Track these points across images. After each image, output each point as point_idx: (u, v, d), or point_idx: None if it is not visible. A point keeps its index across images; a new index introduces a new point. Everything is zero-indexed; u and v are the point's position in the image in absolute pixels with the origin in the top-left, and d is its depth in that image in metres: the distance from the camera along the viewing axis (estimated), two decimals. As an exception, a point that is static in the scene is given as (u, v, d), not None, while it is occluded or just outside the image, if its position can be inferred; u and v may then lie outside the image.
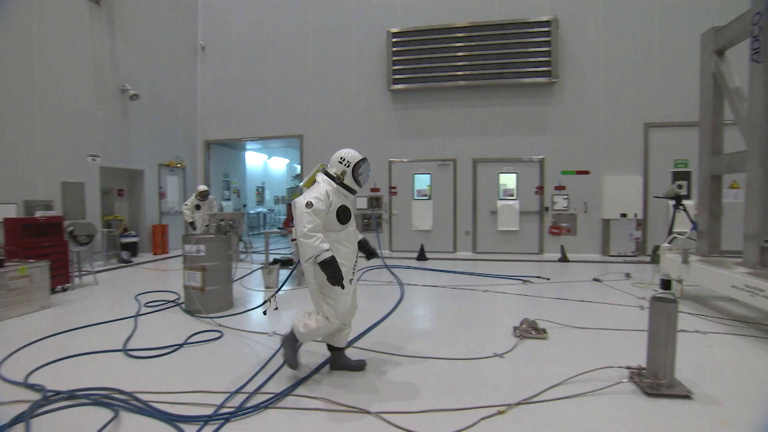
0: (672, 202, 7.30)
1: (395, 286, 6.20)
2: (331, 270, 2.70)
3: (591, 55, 9.00)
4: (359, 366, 3.18)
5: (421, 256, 8.79)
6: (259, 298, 5.73)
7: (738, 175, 7.16)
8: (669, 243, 5.90)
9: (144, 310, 4.89)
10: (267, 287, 6.09)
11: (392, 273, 7.12)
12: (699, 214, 5.65)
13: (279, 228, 7.96)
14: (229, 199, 12.55)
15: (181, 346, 3.71)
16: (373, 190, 9.91)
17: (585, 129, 9.08)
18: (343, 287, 2.78)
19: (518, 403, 2.64)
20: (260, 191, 16.83)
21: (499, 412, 2.53)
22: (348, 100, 10.08)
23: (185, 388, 2.84)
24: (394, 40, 9.46)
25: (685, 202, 6.99)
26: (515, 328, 3.98)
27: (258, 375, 3.07)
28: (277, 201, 18.18)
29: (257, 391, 2.83)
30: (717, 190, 5.49)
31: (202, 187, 8.62)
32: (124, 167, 8.94)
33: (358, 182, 3.06)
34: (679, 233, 6.12)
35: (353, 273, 3.01)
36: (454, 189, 9.57)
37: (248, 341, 3.93)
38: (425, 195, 9.75)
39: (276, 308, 4.00)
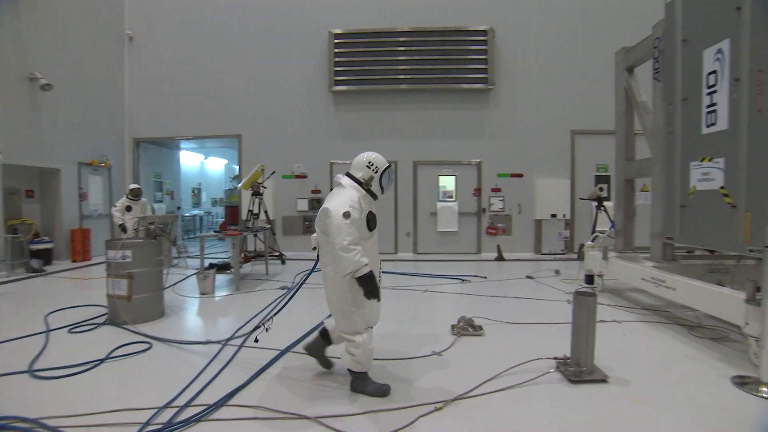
0: (594, 204, 7.97)
1: (338, 288, 6.17)
2: (370, 285, 2.59)
3: (524, 65, 9.55)
4: (329, 364, 3.19)
5: (364, 258, 8.80)
6: (194, 304, 5.43)
7: (648, 180, 7.96)
8: (592, 241, 6.39)
9: (57, 323, 4.42)
10: (202, 293, 5.80)
11: (335, 275, 7.08)
12: (616, 214, 6.19)
13: (216, 231, 7.61)
14: (161, 201, 11.80)
15: (102, 361, 3.41)
16: (314, 192, 9.80)
17: (519, 134, 9.62)
18: (379, 300, 2.69)
19: (455, 399, 2.73)
20: (196, 193, 16.01)
21: (437, 409, 2.60)
22: (289, 100, 9.88)
23: (106, 408, 2.60)
24: (337, 41, 9.43)
25: (605, 203, 7.65)
26: (453, 327, 4.12)
27: (190, 386, 2.91)
28: (214, 203, 17.39)
29: (189, 404, 2.68)
30: (630, 192, 6.04)
31: (134, 185, 8.07)
32: (35, 165, 8.04)
33: (382, 188, 2.89)
34: (601, 232, 6.67)
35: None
36: (395, 191, 9.72)
37: (181, 351, 3.71)
38: (368, 197, 9.78)
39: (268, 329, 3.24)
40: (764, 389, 2.84)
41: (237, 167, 11.02)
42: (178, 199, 13.09)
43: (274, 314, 3.31)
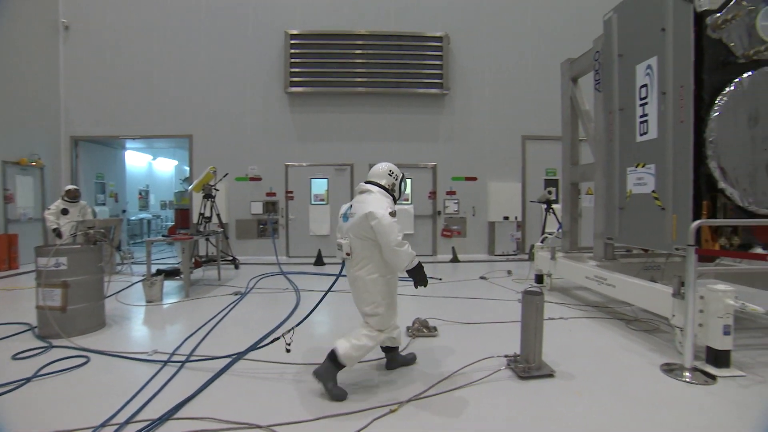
0: (544, 206, 8.35)
1: (291, 293, 6.06)
2: (421, 274, 2.84)
3: (478, 72, 9.85)
4: (412, 359, 3.39)
5: (319, 261, 8.72)
6: (139, 313, 5.14)
7: (591, 183, 8.44)
8: (541, 242, 6.68)
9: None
10: (149, 301, 5.50)
11: (288, 279, 6.95)
12: (563, 216, 6.52)
13: (164, 236, 7.24)
14: (104, 204, 11.08)
15: (29, 380, 3.12)
16: (269, 194, 9.59)
17: (473, 138, 9.89)
18: (426, 286, 2.89)
19: (409, 400, 2.76)
20: (144, 195, 15.17)
21: (391, 411, 2.61)
22: (243, 100, 9.62)
23: (33, 431, 2.40)
24: (293, 42, 9.29)
25: (554, 206, 8.04)
26: (408, 328, 4.16)
27: (133, 401, 2.75)
28: (163, 206, 16.57)
29: (130, 420, 2.52)
30: (576, 195, 6.38)
31: (70, 186, 7.53)
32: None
33: (400, 193, 3.18)
34: (550, 233, 6.99)
35: None
36: (351, 194, 9.71)
37: (122, 364, 3.49)
38: (322, 200, 9.72)
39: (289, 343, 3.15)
40: (687, 374, 3.12)
41: (188, 169, 10.56)
42: (123, 202, 12.35)
43: (296, 326, 3.37)
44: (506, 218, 9.80)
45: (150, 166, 15.69)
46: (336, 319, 4.98)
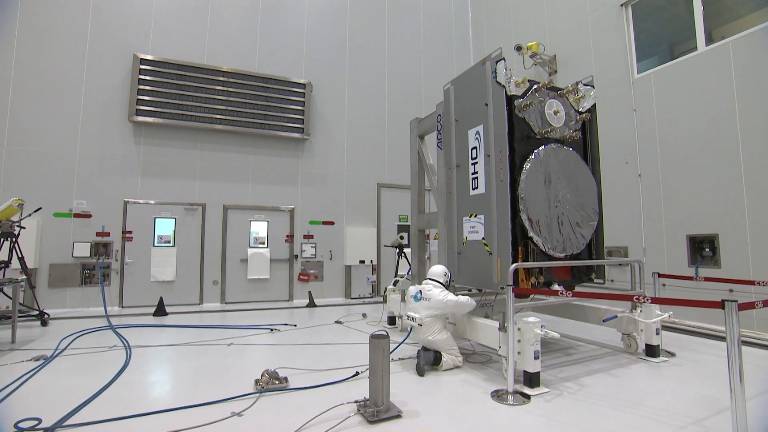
0: (397, 250, 8.90)
1: (120, 350, 5.12)
2: None
3: (338, 121, 10.35)
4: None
5: (160, 311, 7.63)
6: None
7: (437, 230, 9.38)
8: (393, 285, 7.04)
9: None
10: None
11: (118, 334, 5.88)
12: (412, 259, 7.02)
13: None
14: None
15: None
16: (100, 234, 8.18)
17: (331, 183, 10.18)
18: None
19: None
20: None
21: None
22: (72, 122, 8.21)
23: None
24: (144, 67, 8.45)
25: (406, 250, 8.63)
26: (257, 381, 3.86)
27: None
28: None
29: None
30: (423, 240, 6.98)
31: None
32: None
33: (450, 284, 4.96)
34: (401, 276, 7.42)
35: None
36: (202, 236, 8.93)
37: None
38: (168, 241, 8.70)
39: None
40: (510, 397, 3.58)
41: (-21, 199, 8.36)
42: None
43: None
44: (362, 262, 10.14)
45: None
46: (172, 376, 4.34)
